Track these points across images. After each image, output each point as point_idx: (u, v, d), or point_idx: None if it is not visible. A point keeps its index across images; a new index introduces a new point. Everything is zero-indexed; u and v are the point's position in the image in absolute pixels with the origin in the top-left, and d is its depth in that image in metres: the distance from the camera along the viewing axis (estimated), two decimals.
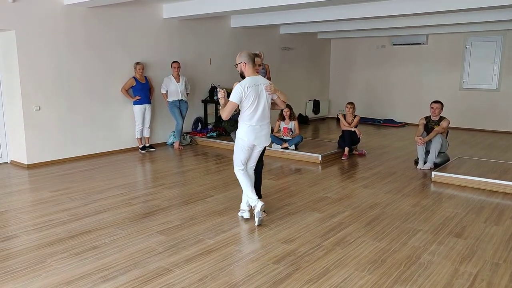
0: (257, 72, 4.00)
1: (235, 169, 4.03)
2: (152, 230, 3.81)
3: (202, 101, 8.61)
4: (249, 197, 3.94)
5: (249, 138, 3.86)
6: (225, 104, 3.86)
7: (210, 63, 8.71)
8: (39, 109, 6.19)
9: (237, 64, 3.91)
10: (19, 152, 6.25)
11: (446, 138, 6.34)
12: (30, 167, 6.15)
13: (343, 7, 7.18)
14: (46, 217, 4.15)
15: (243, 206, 4.12)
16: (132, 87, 7.12)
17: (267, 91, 3.86)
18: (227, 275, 2.99)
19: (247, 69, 3.86)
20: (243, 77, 3.91)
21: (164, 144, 7.96)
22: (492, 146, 7.97)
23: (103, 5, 6.47)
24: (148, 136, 7.46)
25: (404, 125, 10.73)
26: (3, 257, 3.27)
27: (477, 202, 4.66)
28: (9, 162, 6.45)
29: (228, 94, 3.82)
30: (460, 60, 10.15)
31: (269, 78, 8.26)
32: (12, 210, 4.36)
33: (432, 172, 5.57)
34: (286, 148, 6.91)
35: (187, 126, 8.31)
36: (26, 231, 3.80)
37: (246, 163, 4.01)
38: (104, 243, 3.53)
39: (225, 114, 3.81)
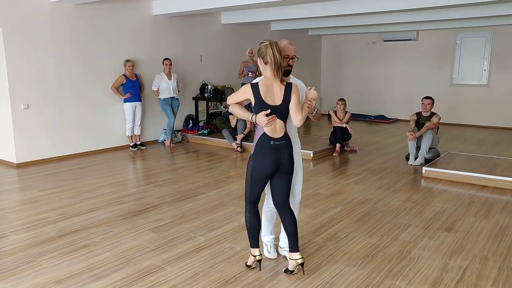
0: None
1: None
2: (143, 228, 3.79)
3: (193, 98, 8.58)
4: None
5: None
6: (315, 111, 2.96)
7: (201, 60, 8.67)
8: (28, 107, 6.12)
9: (296, 57, 2.93)
10: (8, 151, 6.17)
11: (436, 133, 6.38)
12: (19, 166, 6.08)
13: (333, 3, 7.18)
14: (35, 216, 4.11)
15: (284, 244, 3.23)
16: (122, 84, 7.07)
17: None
18: (218, 272, 2.99)
19: None
20: (289, 73, 2.91)
21: (155, 141, 7.92)
22: (482, 141, 8.04)
23: (92, 1, 6.40)
24: (139, 133, 7.42)
25: (395, 121, 10.79)
26: None
27: (467, 197, 4.70)
28: None
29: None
30: (450, 56, 10.22)
31: (260, 74, 8.25)
32: (1, 209, 4.31)
33: (423, 168, 5.61)
34: None
35: (178, 123, 8.27)
36: (16, 230, 3.76)
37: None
38: (95, 242, 3.50)
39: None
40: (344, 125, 7.01)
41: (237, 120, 7.28)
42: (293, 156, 2.93)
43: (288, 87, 2.79)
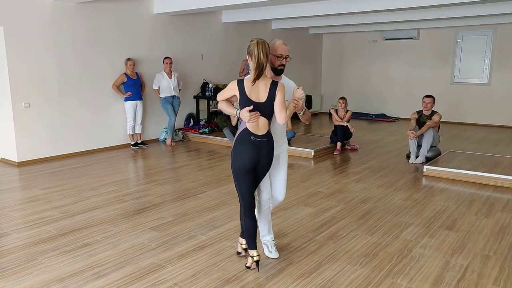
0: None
1: None
2: (144, 227, 3.80)
3: (194, 97, 8.57)
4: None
5: None
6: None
7: (202, 59, 8.67)
8: (29, 106, 6.12)
9: (289, 57, 2.95)
10: (9, 149, 6.18)
11: (437, 132, 6.38)
12: (21, 164, 6.09)
13: (334, 2, 7.17)
14: (37, 214, 4.11)
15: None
16: (123, 83, 7.07)
17: None
18: (220, 271, 2.99)
19: None
20: (281, 72, 2.96)
21: (156, 140, 7.92)
22: (483, 140, 8.04)
23: (93, 0, 6.40)
24: (140, 132, 7.42)
25: (396, 119, 10.78)
26: None
27: (468, 195, 4.70)
28: None
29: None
30: (451, 54, 10.21)
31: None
32: (2, 208, 4.32)
33: (424, 166, 5.60)
34: None
35: (179, 122, 8.28)
36: (17, 229, 3.77)
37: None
38: (96, 240, 3.51)
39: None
40: (345, 124, 7.01)
41: (238, 118, 7.27)
42: (281, 155, 3.03)
43: (274, 85, 2.79)
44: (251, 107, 2.77)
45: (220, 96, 2.98)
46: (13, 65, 5.89)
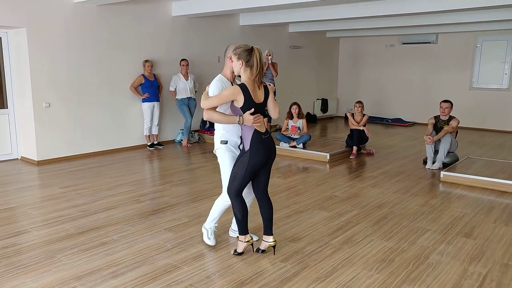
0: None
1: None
2: (160, 227, 3.83)
3: None
4: None
5: None
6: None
7: (219, 61, 8.72)
8: (49, 105, 6.24)
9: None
10: (29, 148, 6.31)
11: (455, 137, 6.29)
12: (40, 163, 6.21)
13: (352, 6, 7.15)
14: (56, 213, 4.19)
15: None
16: (140, 84, 7.16)
17: None
18: (234, 273, 3.00)
19: None
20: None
21: (172, 141, 7.99)
22: (501, 146, 7.89)
23: (113, 2, 6.51)
24: (157, 133, 7.50)
25: (412, 124, 10.66)
26: (13, 252, 3.31)
27: (487, 203, 4.62)
28: (19, 158, 6.51)
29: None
30: (470, 59, 10.06)
31: (276, 74, 8.28)
32: (22, 205, 4.41)
33: (441, 172, 5.53)
34: (294, 146, 6.91)
35: (195, 124, 8.34)
36: (36, 226, 3.84)
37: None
38: (113, 240, 3.56)
39: None
40: (361, 128, 6.96)
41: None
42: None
43: (266, 87, 3.16)
44: (252, 110, 2.99)
45: (212, 102, 2.99)
46: (34, 66, 6.03)
